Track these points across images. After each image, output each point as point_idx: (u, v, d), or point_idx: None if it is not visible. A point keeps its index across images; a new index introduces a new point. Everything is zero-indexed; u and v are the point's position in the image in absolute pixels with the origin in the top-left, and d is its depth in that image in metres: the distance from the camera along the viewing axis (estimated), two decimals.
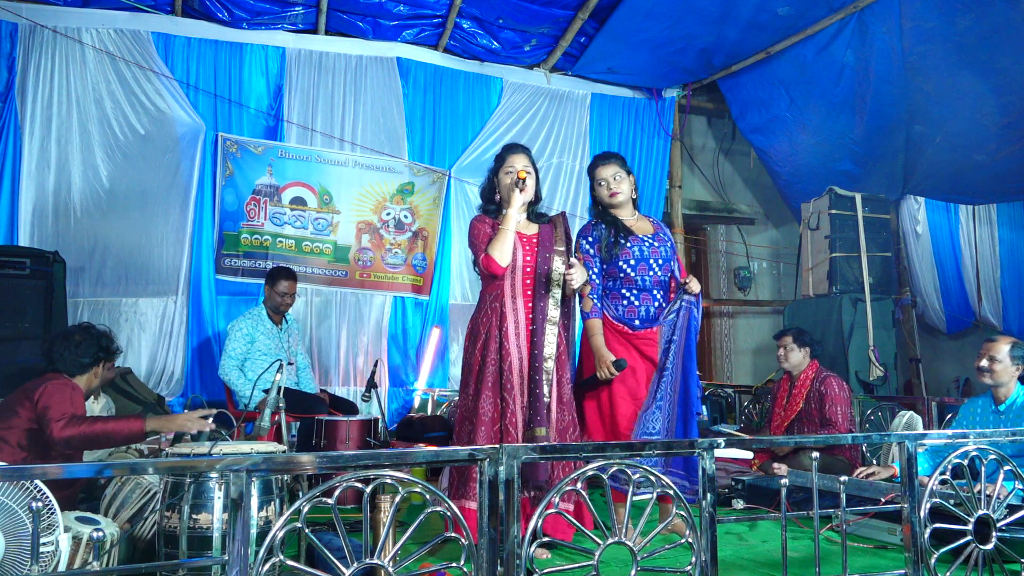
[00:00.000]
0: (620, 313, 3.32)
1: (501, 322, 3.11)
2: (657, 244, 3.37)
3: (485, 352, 3.11)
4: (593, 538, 1.92)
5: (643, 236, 3.38)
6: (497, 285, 3.17)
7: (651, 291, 3.32)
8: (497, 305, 3.14)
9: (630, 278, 3.31)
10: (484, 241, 3.14)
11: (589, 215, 3.55)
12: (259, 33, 5.84)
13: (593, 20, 6.09)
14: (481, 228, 3.19)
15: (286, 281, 4.79)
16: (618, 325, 3.31)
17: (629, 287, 3.32)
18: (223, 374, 4.65)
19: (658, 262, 3.33)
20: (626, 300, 3.32)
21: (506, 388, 3.05)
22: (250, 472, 1.63)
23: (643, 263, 3.32)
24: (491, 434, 3.04)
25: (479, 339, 3.15)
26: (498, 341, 3.10)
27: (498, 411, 3.06)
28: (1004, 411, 3.55)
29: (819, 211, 6.07)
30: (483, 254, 3.11)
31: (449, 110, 6.43)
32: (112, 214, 5.37)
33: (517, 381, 3.08)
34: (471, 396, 3.13)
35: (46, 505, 2.09)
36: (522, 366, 3.09)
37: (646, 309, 3.30)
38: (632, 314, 3.31)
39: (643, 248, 3.33)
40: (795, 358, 4.52)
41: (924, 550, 2.19)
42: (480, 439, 3.01)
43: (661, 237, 3.42)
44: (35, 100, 5.23)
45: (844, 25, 5.62)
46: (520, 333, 3.12)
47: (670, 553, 2.45)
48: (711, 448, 2.02)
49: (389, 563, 1.72)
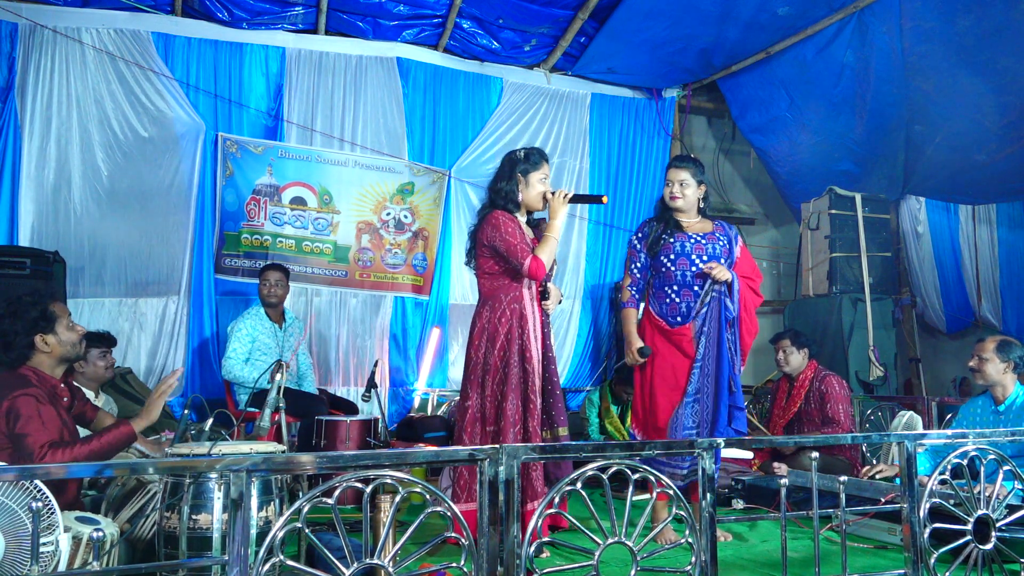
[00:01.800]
0: (663, 310, 3.41)
1: (522, 324, 3.15)
2: (705, 242, 3.42)
3: (507, 354, 3.13)
4: (593, 538, 1.92)
5: (691, 234, 3.43)
6: (515, 287, 3.19)
7: (691, 287, 3.38)
8: (517, 307, 3.17)
9: (670, 272, 3.39)
10: (519, 240, 3.12)
11: (654, 211, 3.63)
12: (259, 33, 5.84)
13: (593, 20, 6.09)
14: (512, 226, 3.16)
15: (271, 272, 4.85)
16: (659, 321, 3.40)
17: (670, 283, 3.40)
18: (227, 373, 4.65)
19: (701, 258, 3.38)
20: (668, 298, 3.40)
21: (531, 389, 3.11)
22: (250, 472, 1.64)
23: (683, 257, 3.37)
24: (516, 436, 3.08)
25: (497, 340, 3.14)
26: (520, 343, 3.13)
27: (520, 413, 3.10)
28: (1004, 411, 3.55)
29: (819, 211, 6.07)
30: (531, 256, 3.10)
31: (449, 110, 6.43)
32: (112, 214, 5.37)
33: (539, 383, 3.15)
34: (489, 398, 3.14)
35: (46, 505, 2.09)
36: (539, 368, 3.17)
37: (686, 305, 3.37)
38: (673, 311, 3.38)
39: (686, 244, 3.39)
40: (795, 361, 4.52)
41: (924, 550, 2.19)
42: (508, 442, 3.04)
43: (714, 236, 3.46)
44: (35, 100, 5.23)
45: (844, 25, 5.62)
46: (538, 336, 3.20)
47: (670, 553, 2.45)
48: (711, 448, 2.02)
49: (389, 563, 1.73)
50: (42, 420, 2.54)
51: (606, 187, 6.91)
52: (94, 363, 3.84)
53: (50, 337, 2.72)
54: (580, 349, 6.72)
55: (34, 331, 2.69)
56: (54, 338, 2.73)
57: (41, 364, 2.73)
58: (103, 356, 3.87)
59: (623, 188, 6.95)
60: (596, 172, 6.88)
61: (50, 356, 2.74)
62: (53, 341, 2.73)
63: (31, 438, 2.48)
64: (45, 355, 2.73)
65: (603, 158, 6.92)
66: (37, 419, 2.53)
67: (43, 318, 2.71)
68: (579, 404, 6.06)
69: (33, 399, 2.56)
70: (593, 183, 6.85)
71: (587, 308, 6.76)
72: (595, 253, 6.84)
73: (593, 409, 5.54)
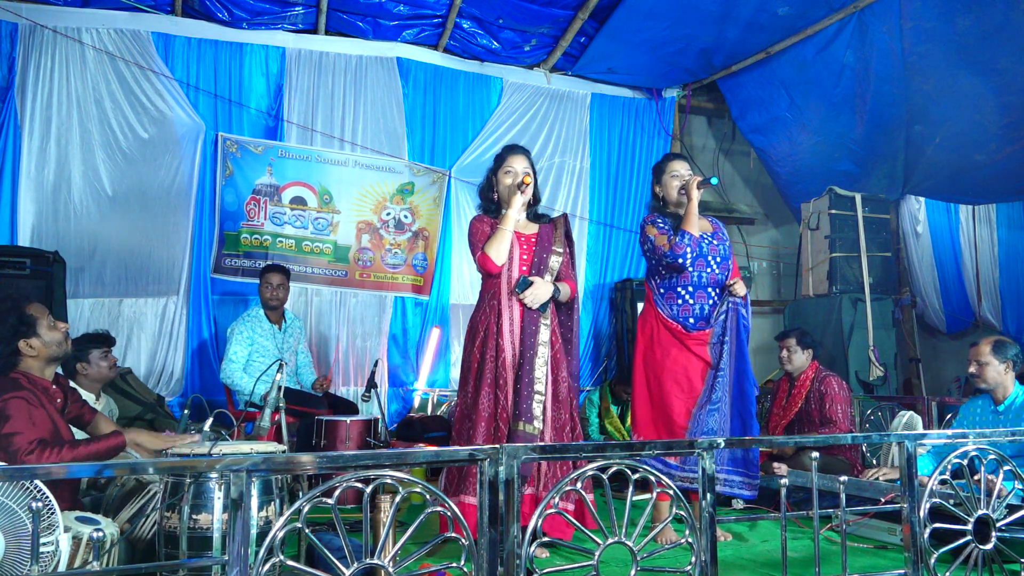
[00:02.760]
0: (675, 312, 3.37)
1: (498, 319, 3.17)
2: (716, 242, 3.42)
3: (484, 349, 3.16)
4: (593, 538, 1.92)
5: (703, 233, 3.42)
6: (494, 283, 3.22)
7: (706, 289, 3.37)
8: (495, 303, 3.19)
9: (687, 274, 3.35)
10: (482, 240, 3.21)
11: (646, 210, 3.60)
12: (259, 33, 5.84)
13: (593, 20, 6.09)
14: (480, 228, 3.27)
15: (273, 274, 4.85)
16: (672, 324, 3.35)
17: (685, 284, 3.36)
18: (225, 378, 4.65)
19: (716, 260, 3.38)
20: (681, 299, 3.37)
21: (499, 384, 3.11)
22: (250, 472, 1.63)
23: (701, 259, 3.36)
24: (489, 430, 3.08)
25: (477, 336, 3.20)
26: (495, 339, 3.15)
27: (493, 407, 3.11)
28: (1003, 411, 3.55)
29: (819, 211, 6.07)
30: (479, 252, 3.18)
31: (449, 110, 6.43)
32: (112, 214, 5.37)
33: (511, 378, 3.12)
34: (470, 393, 3.18)
35: (46, 505, 2.09)
36: (514, 363, 3.14)
37: (700, 307, 3.35)
38: (687, 313, 3.35)
39: (702, 245, 3.37)
40: (798, 360, 4.52)
41: (924, 550, 2.19)
42: (479, 435, 3.05)
43: (720, 236, 3.48)
44: (35, 100, 5.23)
45: (844, 25, 5.62)
46: (514, 331, 3.17)
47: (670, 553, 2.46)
48: (711, 448, 2.02)
49: (389, 563, 1.72)
50: (32, 421, 2.52)
51: (606, 187, 6.92)
52: (97, 364, 3.81)
53: (33, 340, 2.70)
54: (580, 349, 6.70)
55: (16, 338, 2.66)
56: (38, 340, 2.70)
57: (30, 368, 2.70)
58: (104, 356, 3.85)
59: (623, 188, 6.94)
60: (596, 172, 6.88)
61: (37, 359, 2.72)
62: (37, 344, 2.70)
63: (18, 437, 2.46)
64: (32, 359, 2.71)
65: (603, 158, 6.91)
66: (26, 420, 2.51)
67: (22, 323, 2.67)
68: (579, 404, 6.05)
69: (24, 402, 2.54)
70: (593, 183, 6.85)
71: (587, 308, 6.75)
72: (595, 253, 6.84)
73: (593, 409, 5.54)
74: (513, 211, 3.19)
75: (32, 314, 2.71)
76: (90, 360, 3.76)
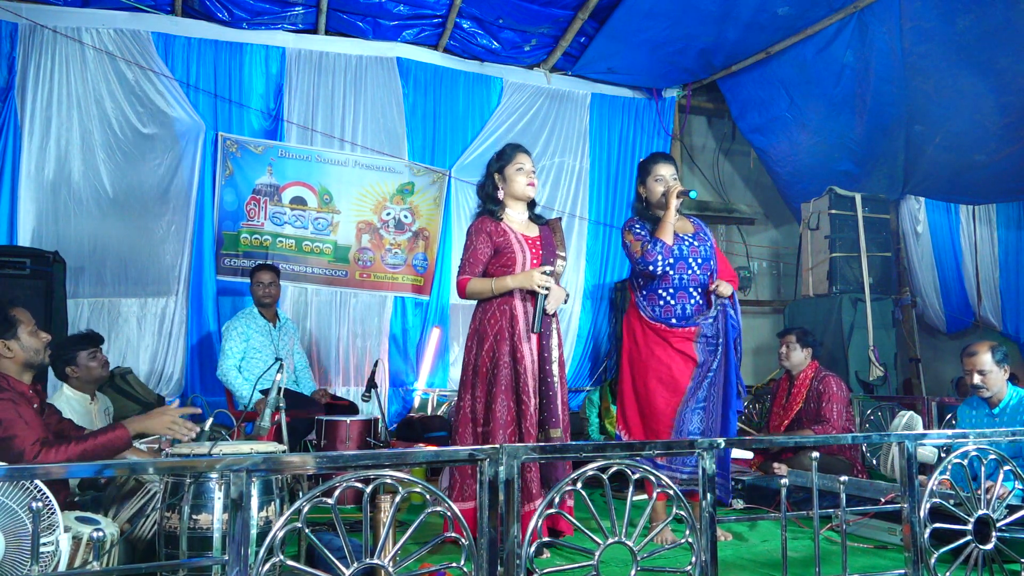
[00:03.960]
0: (657, 313, 3.38)
1: (512, 324, 3.11)
2: (697, 244, 3.42)
3: (496, 354, 3.11)
4: (593, 538, 1.92)
5: (683, 235, 3.42)
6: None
7: (687, 290, 3.36)
8: (507, 307, 3.13)
9: (667, 276, 3.35)
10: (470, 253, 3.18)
11: (631, 212, 3.59)
12: (259, 33, 5.84)
13: (593, 20, 6.09)
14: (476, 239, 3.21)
15: (263, 272, 4.87)
16: (655, 324, 3.36)
17: (665, 286, 3.37)
18: (222, 376, 4.66)
19: (697, 261, 3.38)
20: (662, 300, 3.37)
21: (523, 391, 3.06)
22: (250, 472, 1.63)
23: (681, 261, 3.36)
24: (511, 438, 3.05)
25: (486, 340, 3.14)
26: (510, 343, 3.10)
27: (512, 414, 3.07)
28: (998, 413, 3.55)
29: (819, 211, 6.07)
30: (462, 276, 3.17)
31: (449, 110, 6.43)
32: (112, 214, 5.37)
33: (532, 384, 3.09)
34: (479, 398, 3.13)
35: (46, 505, 2.09)
36: (534, 368, 3.11)
37: (682, 308, 3.35)
38: (668, 314, 3.36)
39: (682, 247, 3.37)
40: (796, 357, 4.52)
41: (924, 550, 2.19)
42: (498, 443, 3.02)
43: (701, 237, 3.47)
44: (35, 100, 5.23)
45: (844, 25, 5.62)
46: (532, 336, 3.14)
47: (670, 553, 2.45)
48: (711, 448, 2.02)
49: (389, 563, 1.72)
50: (25, 421, 2.51)
51: (606, 187, 6.92)
52: (85, 365, 3.65)
53: (12, 342, 2.69)
54: (580, 349, 6.72)
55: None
56: (16, 343, 2.69)
57: (7, 370, 2.68)
58: (93, 356, 3.68)
59: (623, 188, 6.94)
60: (596, 172, 6.88)
61: (14, 361, 2.70)
62: (16, 347, 2.69)
63: (19, 439, 2.45)
64: (8, 360, 2.69)
65: (603, 158, 6.91)
66: (20, 420, 2.49)
67: (3, 322, 2.67)
68: (579, 404, 6.06)
69: (10, 402, 2.52)
70: (593, 183, 6.85)
71: (587, 308, 6.76)
72: (595, 253, 6.84)
73: (593, 409, 5.54)
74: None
75: (15, 316, 2.71)
76: (78, 363, 3.62)
